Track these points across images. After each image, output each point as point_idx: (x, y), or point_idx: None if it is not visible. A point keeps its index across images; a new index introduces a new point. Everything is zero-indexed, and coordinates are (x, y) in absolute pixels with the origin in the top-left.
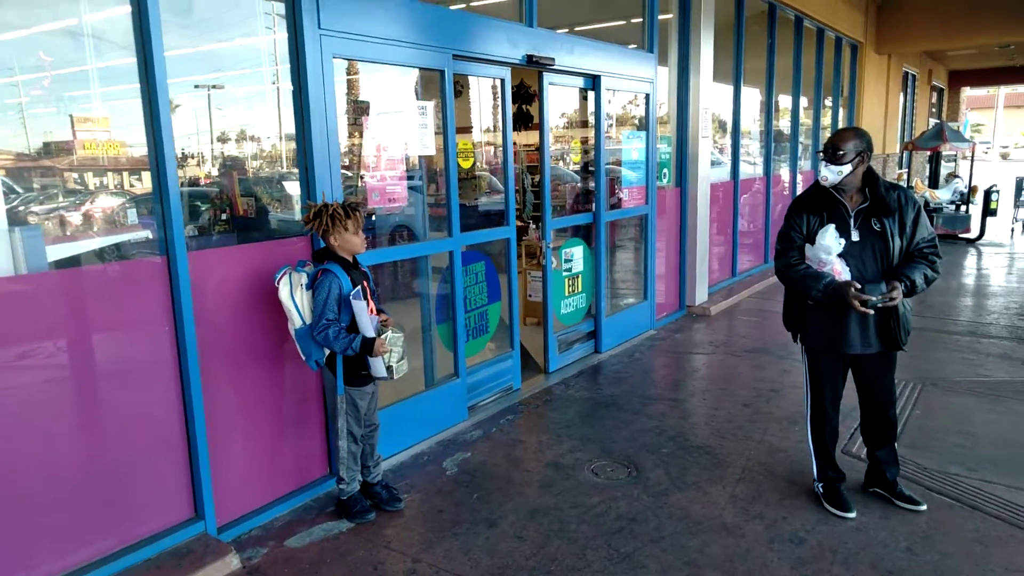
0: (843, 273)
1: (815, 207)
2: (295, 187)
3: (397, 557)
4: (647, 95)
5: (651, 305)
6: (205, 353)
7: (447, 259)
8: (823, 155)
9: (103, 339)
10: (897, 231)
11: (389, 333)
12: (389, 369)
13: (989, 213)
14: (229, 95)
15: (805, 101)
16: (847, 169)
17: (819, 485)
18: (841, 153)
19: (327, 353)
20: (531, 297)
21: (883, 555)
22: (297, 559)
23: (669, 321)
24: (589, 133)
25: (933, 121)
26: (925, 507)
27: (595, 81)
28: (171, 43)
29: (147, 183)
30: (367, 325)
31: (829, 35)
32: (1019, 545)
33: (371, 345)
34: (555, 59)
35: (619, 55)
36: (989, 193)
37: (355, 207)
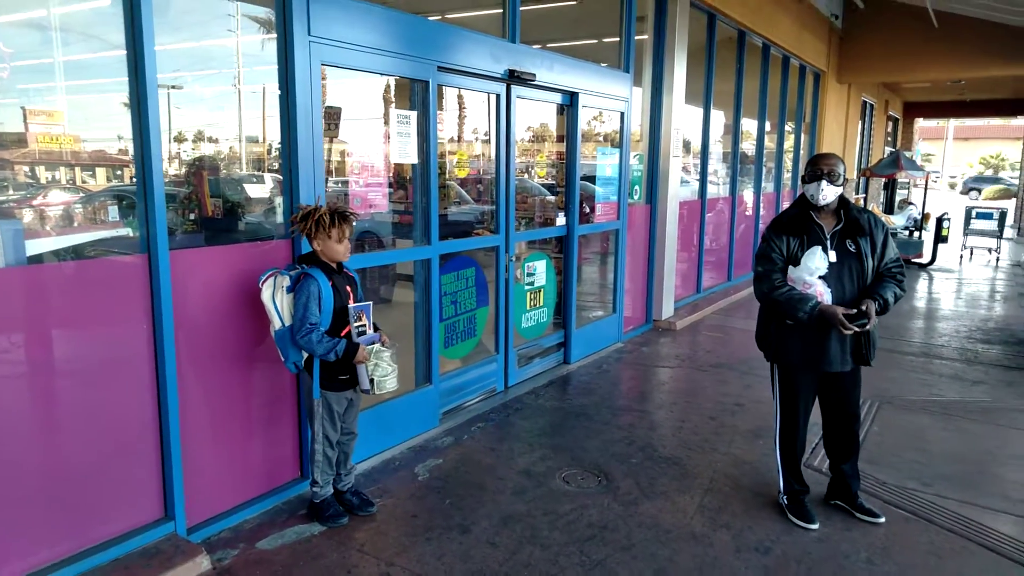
0: (825, 294)
1: (795, 229)
2: (264, 190)
3: (370, 561)
4: (621, 113)
5: (619, 318)
6: (181, 353)
7: (428, 267)
8: (822, 175)
9: (78, 335)
10: (869, 251)
11: (376, 345)
12: (372, 382)
13: (941, 240)
14: (194, 94)
15: (769, 125)
16: (840, 190)
17: (784, 497)
18: (838, 173)
19: (305, 356)
20: None
21: (845, 565)
22: (269, 561)
23: (636, 334)
24: (560, 147)
25: (888, 149)
26: (884, 520)
27: (573, 98)
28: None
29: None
30: (357, 335)
31: (794, 63)
32: (971, 557)
33: (355, 351)
34: (536, 75)
35: (596, 74)
36: (941, 221)
37: (345, 216)
